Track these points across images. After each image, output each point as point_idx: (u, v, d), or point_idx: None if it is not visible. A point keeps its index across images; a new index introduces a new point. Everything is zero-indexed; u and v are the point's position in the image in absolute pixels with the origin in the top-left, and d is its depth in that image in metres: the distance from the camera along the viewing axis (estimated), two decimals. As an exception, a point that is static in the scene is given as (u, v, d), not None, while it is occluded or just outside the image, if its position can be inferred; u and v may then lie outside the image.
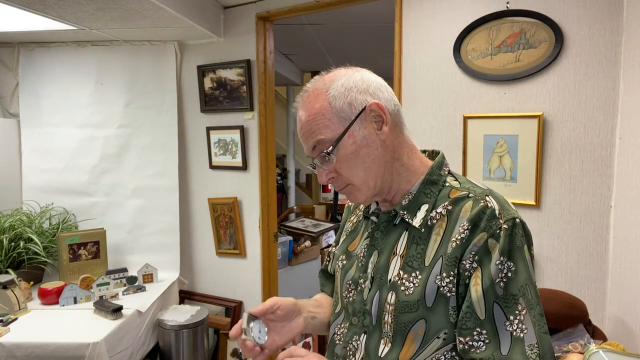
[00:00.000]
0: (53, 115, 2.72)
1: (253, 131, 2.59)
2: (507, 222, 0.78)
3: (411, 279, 0.82)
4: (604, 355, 1.24)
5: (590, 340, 1.37)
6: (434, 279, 0.79)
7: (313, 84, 0.89)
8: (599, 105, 1.63)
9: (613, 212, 1.62)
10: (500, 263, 0.76)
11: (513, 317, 0.75)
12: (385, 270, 0.86)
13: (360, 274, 0.91)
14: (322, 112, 0.84)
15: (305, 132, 0.87)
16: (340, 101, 0.84)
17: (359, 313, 0.89)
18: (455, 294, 0.79)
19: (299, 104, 0.89)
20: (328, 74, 0.90)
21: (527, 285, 0.77)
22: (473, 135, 1.89)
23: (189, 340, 2.35)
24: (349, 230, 1.04)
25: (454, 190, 0.86)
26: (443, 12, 1.94)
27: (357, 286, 0.91)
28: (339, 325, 0.95)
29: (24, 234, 2.38)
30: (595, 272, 1.67)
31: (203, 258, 2.85)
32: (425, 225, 0.84)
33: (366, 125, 0.85)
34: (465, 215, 0.81)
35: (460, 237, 0.79)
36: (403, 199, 0.89)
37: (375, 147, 0.85)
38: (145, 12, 2.10)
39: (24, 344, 1.85)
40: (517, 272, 0.77)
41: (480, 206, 0.80)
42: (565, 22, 1.67)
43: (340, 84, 0.85)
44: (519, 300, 0.75)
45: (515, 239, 0.78)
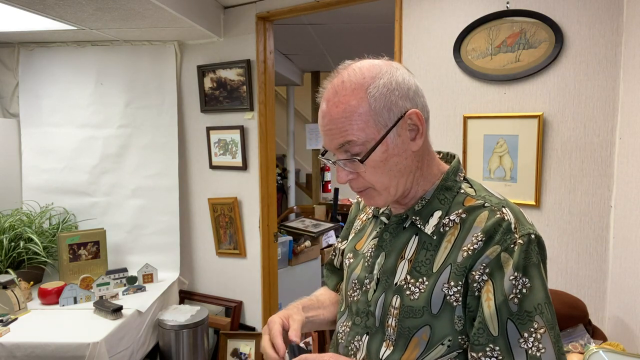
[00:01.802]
0: (53, 115, 2.72)
1: (253, 131, 2.59)
2: (522, 237, 0.76)
3: (417, 284, 0.81)
4: (604, 355, 1.24)
5: (590, 340, 1.37)
6: (441, 287, 0.78)
7: (349, 73, 0.81)
8: (599, 105, 1.63)
9: (613, 212, 1.62)
10: (514, 279, 0.73)
11: (528, 334, 0.72)
12: (391, 273, 0.85)
13: (366, 274, 0.90)
14: (358, 112, 0.78)
15: (333, 127, 0.80)
16: (380, 104, 0.78)
17: (363, 313, 0.88)
18: (461, 304, 0.77)
19: (329, 92, 0.82)
20: (365, 64, 0.82)
21: (544, 304, 0.74)
22: (473, 135, 1.89)
23: (189, 340, 2.35)
24: (358, 229, 1.02)
25: (468, 198, 0.84)
26: (443, 12, 1.94)
27: (362, 286, 0.90)
28: (342, 323, 0.95)
29: (24, 234, 2.38)
30: (595, 272, 1.67)
31: (203, 258, 2.85)
32: (437, 232, 0.82)
33: (401, 133, 0.80)
34: (479, 225, 0.78)
35: (472, 247, 0.77)
36: (416, 203, 0.86)
37: (405, 156, 0.82)
38: (145, 12, 2.10)
39: (24, 344, 1.85)
40: (532, 289, 0.74)
41: (496, 218, 0.78)
42: (565, 22, 1.67)
43: (382, 84, 0.79)
44: (534, 318, 0.73)
45: (531, 254, 0.75)
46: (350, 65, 0.83)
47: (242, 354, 2.61)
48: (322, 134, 0.83)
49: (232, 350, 2.63)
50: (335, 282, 1.14)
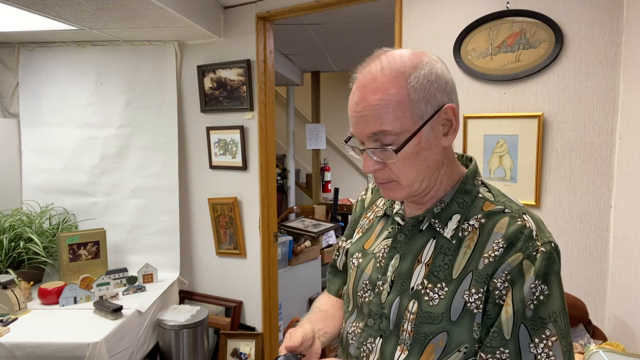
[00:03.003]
0: (53, 115, 2.72)
1: (253, 131, 2.59)
2: (544, 245, 0.76)
3: (436, 289, 0.79)
4: (604, 355, 1.24)
5: (590, 340, 1.37)
6: (462, 294, 0.77)
7: (389, 60, 0.78)
8: (599, 105, 1.63)
9: (613, 212, 1.62)
10: (534, 286, 0.73)
11: (538, 340, 0.72)
12: (407, 277, 0.83)
13: (378, 275, 0.88)
14: (397, 100, 0.75)
15: (367, 115, 0.77)
16: (419, 95, 0.76)
17: (376, 315, 0.86)
18: (482, 310, 0.76)
19: (366, 77, 0.79)
20: (406, 52, 0.80)
21: (560, 312, 0.74)
22: (473, 135, 1.89)
23: (189, 340, 2.35)
24: (365, 227, 1.00)
25: (487, 203, 0.82)
26: (443, 12, 1.94)
27: (375, 287, 0.88)
28: (352, 324, 0.93)
29: (24, 234, 2.38)
30: (595, 272, 1.67)
31: (203, 258, 2.85)
32: (456, 236, 0.81)
33: (435, 127, 0.78)
34: (500, 231, 0.77)
35: (494, 254, 0.76)
36: (435, 206, 0.84)
37: (435, 151, 0.80)
38: (145, 12, 2.10)
39: (24, 344, 1.85)
40: (550, 297, 0.74)
41: (518, 225, 0.77)
42: (565, 22, 1.67)
43: (423, 74, 0.77)
44: (547, 325, 0.73)
45: (553, 263, 0.76)
46: (389, 52, 0.80)
47: (242, 354, 2.61)
48: (353, 120, 0.80)
49: (232, 350, 2.63)
50: (337, 286, 1.11)
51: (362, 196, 1.08)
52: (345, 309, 0.98)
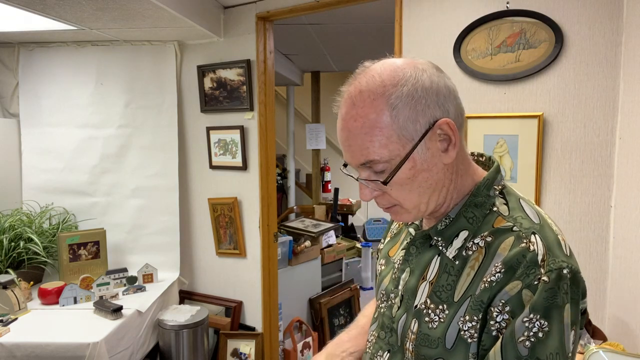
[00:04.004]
0: (53, 115, 2.72)
1: (253, 131, 2.59)
2: (548, 273, 0.65)
3: (437, 311, 0.73)
4: (604, 355, 1.24)
5: (590, 340, 1.37)
6: (458, 320, 0.70)
7: (367, 80, 0.70)
8: (599, 105, 1.63)
9: (613, 212, 1.62)
10: (529, 320, 0.64)
11: None
12: (412, 294, 0.78)
13: (392, 287, 0.85)
14: (378, 127, 0.68)
15: (353, 144, 0.71)
16: (404, 116, 0.68)
17: (387, 329, 0.83)
18: (477, 340, 0.69)
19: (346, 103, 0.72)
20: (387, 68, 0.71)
21: (557, 354, 0.64)
22: (473, 135, 1.89)
23: (189, 340, 2.35)
24: (394, 232, 0.96)
25: (499, 219, 0.73)
26: (443, 12, 1.94)
27: (389, 299, 0.85)
28: (373, 331, 0.90)
29: (24, 234, 2.38)
30: (595, 272, 1.67)
31: (203, 258, 2.85)
32: (459, 256, 0.74)
33: (430, 145, 0.70)
34: (503, 253, 0.69)
35: (491, 279, 0.68)
36: (440, 222, 0.77)
37: (435, 171, 0.72)
38: (145, 12, 2.10)
39: (24, 344, 1.85)
40: (550, 335, 0.64)
41: (521, 247, 0.68)
42: (565, 22, 1.67)
43: (406, 92, 0.68)
44: None
45: (557, 295, 0.65)
46: (368, 70, 0.73)
47: (242, 354, 2.61)
48: (342, 149, 0.74)
49: (232, 350, 2.63)
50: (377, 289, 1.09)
51: None
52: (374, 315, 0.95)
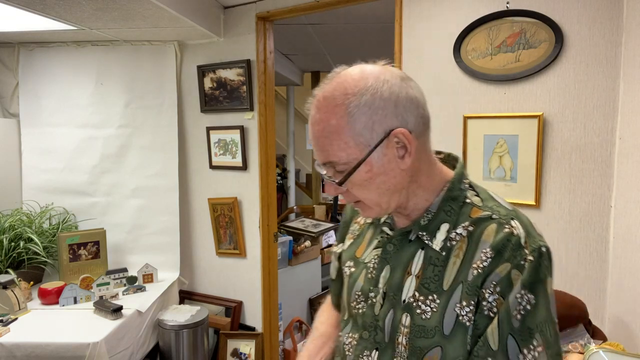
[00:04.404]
0: (53, 115, 2.72)
1: (253, 131, 2.59)
2: (532, 253, 0.74)
3: (428, 302, 0.78)
4: (604, 355, 1.24)
5: (590, 340, 1.37)
6: (454, 306, 0.75)
7: (333, 87, 0.76)
8: (599, 105, 1.63)
9: (613, 212, 1.62)
10: (520, 296, 0.72)
11: (527, 350, 0.72)
12: (398, 289, 0.82)
13: (370, 286, 0.87)
14: (337, 132, 0.74)
15: (316, 145, 0.78)
16: (360, 124, 0.74)
17: (370, 328, 0.85)
18: (473, 322, 0.75)
19: (313, 107, 0.78)
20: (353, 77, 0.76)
21: (547, 322, 0.73)
22: (473, 135, 1.89)
23: (189, 340, 2.35)
24: (356, 233, 0.98)
25: (475, 209, 0.81)
26: (443, 12, 1.94)
27: (367, 299, 0.87)
28: (348, 334, 0.91)
29: (24, 234, 2.38)
30: (595, 272, 1.67)
31: (203, 258, 2.85)
32: (445, 247, 0.79)
33: (386, 152, 0.76)
34: (488, 240, 0.76)
35: (482, 264, 0.75)
36: (422, 217, 0.82)
37: (393, 175, 0.78)
38: (145, 12, 2.10)
39: (24, 344, 1.85)
40: (537, 307, 0.73)
41: (505, 232, 0.75)
42: (565, 22, 1.67)
43: (364, 102, 0.73)
44: (534, 335, 0.72)
45: (540, 271, 0.74)
46: (337, 76, 0.78)
47: (242, 354, 2.61)
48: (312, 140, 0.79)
49: (232, 350, 2.63)
50: (334, 292, 1.09)
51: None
52: (342, 318, 0.97)
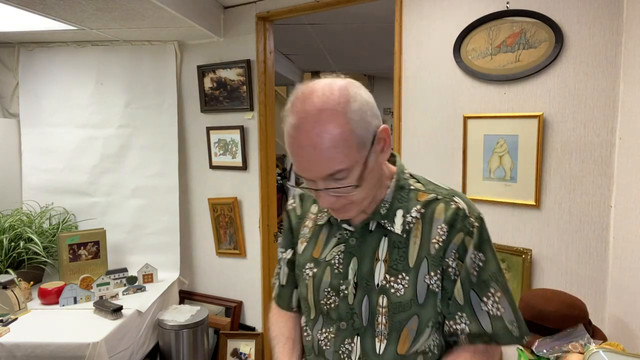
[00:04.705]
0: (53, 115, 2.72)
1: (253, 131, 2.59)
2: (476, 220, 0.89)
3: (399, 280, 0.88)
4: (604, 355, 1.24)
5: (590, 340, 1.37)
6: (423, 279, 0.87)
7: (322, 100, 0.78)
8: (599, 105, 1.63)
9: (613, 212, 1.62)
10: (474, 256, 0.87)
11: (486, 298, 0.87)
12: (370, 276, 0.89)
13: (339, 280, 0.92)
14: (344, 139, 0.77)
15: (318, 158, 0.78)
16: (360, 126, 0.79)
17: (347, 317, 0.91)
18: (441, 288, 0.88)
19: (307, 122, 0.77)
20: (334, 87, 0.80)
21: (498, 272, 0.89)
22: (473, 135, 1.89)
23: (189, 340, 2.35)
24: (308, 236, 1.01)
25: (420, 193, 0.93)
26: (443, 12, 1.94)
27: (339, 292, 0.92)
28: (320, 330, 0.96)
29: (24, 234, 2.38)
30: (595, 272, 1.67)
31: (203, 258, 2.85)
32: (405, 230, 0.89)
33: (375, 149, 0.83)
34: (440, 217, 0.88)
35: (441, 238, 0.87)
36: (380, 207, 0.91)
37: (377, 169, 0.87)
38: (145, 12, 2.10)
39: (24, 344, 1.85)
40: (487, 262, 0.88)
41: (452, 208, 0.88)
42: (565, 22, 1.67)
43: (358, 106, 0.79)
44: (490, 285, 0.88)
45: (483, 233, 0.89)
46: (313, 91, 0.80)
47: (242, 354, 2.61)
48: (302, 165, 0.80)
49: (232, 350, 2.63)
50: (287, 299, 1.10)
51: (292, 205, 1.09)
52: (307, 318, 1.01)
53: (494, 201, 1.86)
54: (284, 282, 1.09)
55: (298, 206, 1.07)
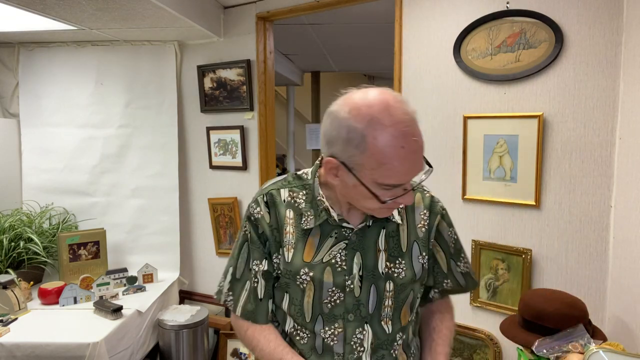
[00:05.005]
0: (53, 115, 2.72)
1: (253, 131, 2.59)
2: (441, 203, 1.09)
3: (397, 265, 0.99)
4: (604, 355, 1.24)
5: (590, 340, 1.37)
6: (417, 259, 1.02)
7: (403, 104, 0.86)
8: (599, 105, 1.63)
9: (613, 212, 1.62)
10: (449, 232, 1.08)
11: (459, 262, 1.10)
12: (375, 267, 0.98)
13: (344, 277, 0.97)
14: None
15: (421, 158, 0.87)
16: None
17: (354, 309, 0.98)
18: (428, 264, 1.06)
19: (413, 127, 0.84)
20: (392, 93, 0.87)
21: (458, 238, 1.11)
22: (473, 135, 1.89)
23: (189, 340, 2.35)
24: (293, 242, 0.99)
25: None
26: (443, 12, 1.94)
27: (344, 288, 0.97)
28: (324, 329, 0.98)
29: (24, 234, 2.38)
30: (595, 272, 1.67)
31: (203, 258, 2.85)
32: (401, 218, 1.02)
33: None
34: (420, 205, 1.05)
35: (425, 223, 1.05)
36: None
37: None
38: (145, 12, 2.10)
39: (24, 344, 1.85)
40: (457, 236, 1.10)
41: (427, 196, 1.07)
42: (565, 22, 1.67)
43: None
44: (462, 252, 1.11)
45: (447, 212, 1.10)
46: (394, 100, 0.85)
47: (242, 354, 2.61)
48: (410, 169, 0.85)
49: (232, 351, 2.63)
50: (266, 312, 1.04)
51: (258, 212, 1.02)
52: (298, 322, 1.01)
53: (494, 201, 1.86)
54: (262, 296, 1.03)
55: (266, 214, 1.02)
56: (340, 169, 0.89)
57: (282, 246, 1.00)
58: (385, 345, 1.00)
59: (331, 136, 0.88)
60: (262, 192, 1.06)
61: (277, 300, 1.05)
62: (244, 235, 1.05)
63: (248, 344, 1.05)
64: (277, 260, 1.01)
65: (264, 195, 1.04)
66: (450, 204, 1.97)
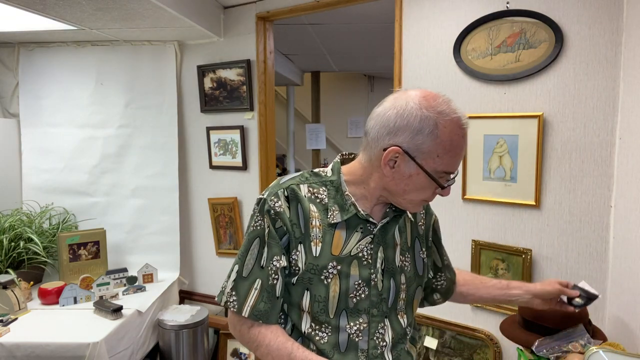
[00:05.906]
0: (53, 115, 2.72)
1: (253, 131, 2.59)
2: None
3: (405, 259, 1.06)
4: (604, 355, 1.24)
5: (590, 340, 1.37)
6: (419, 254, 1.10)
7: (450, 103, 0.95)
8: (599, 105, 1.63)
9: (613, 212, 1.62)
10: (439, 229, 1.20)
11: (445, 255, 1.22)
12: (393, 260, 1.03)
13: (369, 270, 0.99)
14: None
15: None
16: None
17: (377, 304, 1.00)
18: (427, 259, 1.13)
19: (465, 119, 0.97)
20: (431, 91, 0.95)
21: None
22: (473, 135, 1.89)
23: (189, 340, 2.35)
24: (320, 236, 0.98)
25: None
26: (443, 12, 1.94)
27: (370, 282, 0.99)
28: (349, 325, 0.98)
29: (24, 234, 2.38)
30: (595, 272, 1.67)
31: (203, 258, 2.85)
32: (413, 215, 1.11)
33: None
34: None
35: (423, 221, 1.13)
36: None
37: None
38: (145, 12, 2.10)
39: (24, 344, 1.85)
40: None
41: None
42: (565, 22, 1.67)
43: None
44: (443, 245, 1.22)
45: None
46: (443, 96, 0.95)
47: (242, 354, 2.61)
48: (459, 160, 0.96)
49: (232, 351, 2.63)
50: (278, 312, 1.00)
51: (280, 207, 0.97)
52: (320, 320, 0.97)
53: (494, 201, 1.86)
54: (279, 294, 0.98)
55: (286, 208, 0.98)
56: (401, 158, 0.92)
57: (304, 241, 0.97)
58: (402, 339, 1.04)
59: (397, 126, 0.91)
60: (280, 186, 1.00)
61: (294, 298, 0.99)
62: (257, 230, 0.99)
63: (251, 341, 0.99)
64: (296, 257, 0.97)
65: (284, 189, 0.99)
66: (450, 204, 1.98)
